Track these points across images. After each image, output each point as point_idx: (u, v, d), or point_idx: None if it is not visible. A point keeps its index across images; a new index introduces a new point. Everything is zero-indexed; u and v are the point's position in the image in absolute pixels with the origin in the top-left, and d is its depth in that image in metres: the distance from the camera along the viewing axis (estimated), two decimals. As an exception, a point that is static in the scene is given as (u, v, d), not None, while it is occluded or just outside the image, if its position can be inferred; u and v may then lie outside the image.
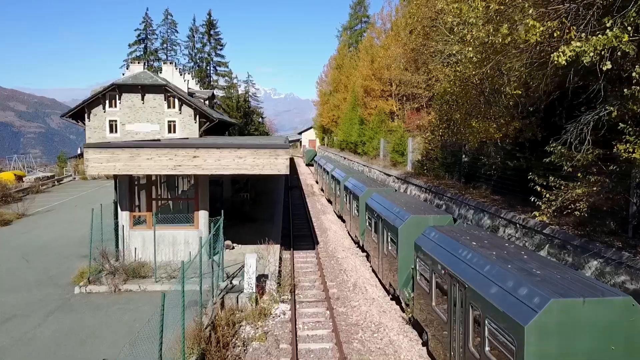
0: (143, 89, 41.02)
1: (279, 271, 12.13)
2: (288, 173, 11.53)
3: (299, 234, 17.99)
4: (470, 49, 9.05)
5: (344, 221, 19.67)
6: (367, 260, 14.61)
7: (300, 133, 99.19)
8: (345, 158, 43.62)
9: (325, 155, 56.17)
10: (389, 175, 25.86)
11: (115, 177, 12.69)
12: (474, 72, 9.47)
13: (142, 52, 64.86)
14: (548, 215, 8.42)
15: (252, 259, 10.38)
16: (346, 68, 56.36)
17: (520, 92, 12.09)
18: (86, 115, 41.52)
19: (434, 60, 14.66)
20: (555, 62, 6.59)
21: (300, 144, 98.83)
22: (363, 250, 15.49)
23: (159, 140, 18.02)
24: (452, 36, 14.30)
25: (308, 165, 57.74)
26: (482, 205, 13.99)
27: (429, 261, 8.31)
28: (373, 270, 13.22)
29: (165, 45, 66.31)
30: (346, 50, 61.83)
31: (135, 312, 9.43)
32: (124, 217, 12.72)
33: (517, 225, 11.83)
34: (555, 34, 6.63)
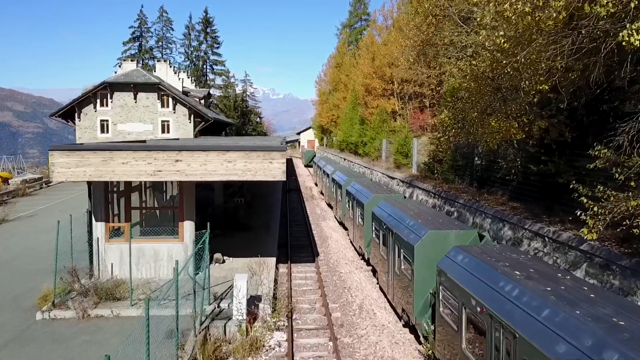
0: (135, 88, 39.48)
1: (274, 292, 10.64)
2: (284, 179, 10.06)
3: (297, 243, 16.49)
4: (501, 33, 7.57)
5: (346, 228, 18.20)
6: (374, 275, 13.02)
7: (298, 133, 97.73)
8: (345, 159, 42.18)
9: (325, 156, 54.71)
10: (393, 178, 24.41)
11: (89, 182, 11.19)
12: (504, 62, 7.95)
13: (136, 50, 63.28)
14: (597, 232, 6.95)
15: (242, 281, 8.90)
16: (346, 66, 54.92)
17: (546, 88, 10.68)
18: (76, 115, 39.95)
19: (446, 53, 13.23)
20: (625, 42, 5.14)
21: (299, 145, 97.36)
22: (368, 264, 13.95)
23: (143, 141, 16.51)
24: (466, 27, 12.88)
25: (307, 166, 56.26)
26: (502, 214, 12.53)
27: (458, 292, 6.85)
28: (381, 289, 11.73)
29: (160, 43, 64.76)
30: (346, 49, 60.37)
31: (103, 347, 7.94)
32: (99, 228, 11.23)
33: (546, 238, 10.37)
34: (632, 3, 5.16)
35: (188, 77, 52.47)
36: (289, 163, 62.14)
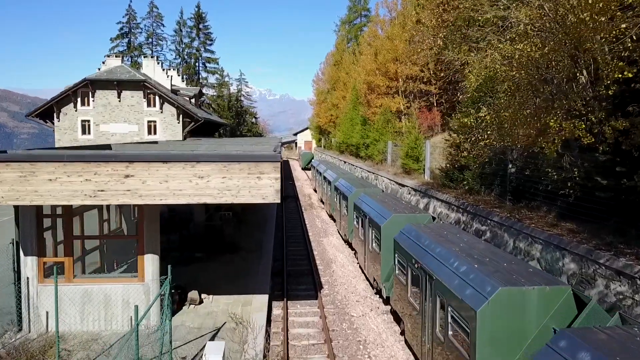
0: (119, 85, 36.53)
1: (265, 353, 7.77)
2: (278, 200, 7.23)
3: (295, 269, 13.59)
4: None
5: (352, 248, 15.36)
6: (397, 322, 9.64)
7: (295, 134, 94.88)
8: (345, 162, 39.40)
9: (324, 159, 51.88)
10: (402, 186, 21.60)
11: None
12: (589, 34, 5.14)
13: (125, 47, 60.20)
14: None
15: (217, 356, 6.03)
16: (345, 64, 52.18)
17: (630, 75, 7.98)
18: (55, 115, 36.92)
19: (482, 34, 10.47)
20: None
21: (296, 146, 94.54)
22: (386, 302, 10.76)
23: (107, 147, 13.58)
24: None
25: (304, 169, 53.40)
26: (558, 240, 9.72)
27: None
28: (408, 346, 8.62)
29: (150, 39, 61.75)
30: (345, 46, 57.65)
31: None
32: (30, 265, 8.34)
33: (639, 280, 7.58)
34: None
35: (179, 75, 49.57)
36: (286, 165, 59.25)
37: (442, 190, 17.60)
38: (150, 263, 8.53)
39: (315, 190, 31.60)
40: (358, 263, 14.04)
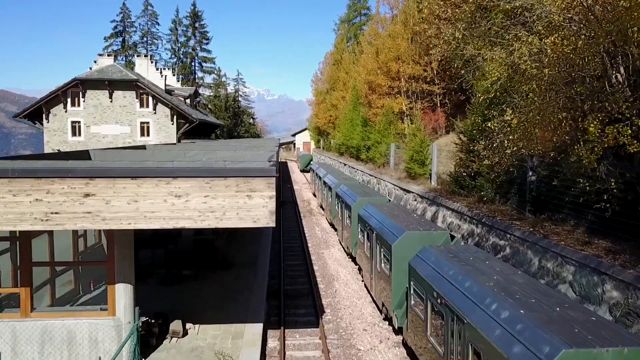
0: (111, 85, 35.17)
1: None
2: (273, 224, 5.93)
3: (293, 288, 12.23)
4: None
5: (356, 263, 14.07)
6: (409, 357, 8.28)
7: (294, 135, 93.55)
8: (345, 165, 38.15)
9: (323, 161, 50.62)
10: (408, 192, 20.33)
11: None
12: None
13: (119, 46, 58.82)
14: None
15: None
16: (345, 64, 50.93)
17: None
18: (44, 116, 35.54)
19: (504, 26, 9.20)
20: None
21: (294, 147, 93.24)
22: (397, 332, 9.31)
23: (85, 154, 12.23)
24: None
25: (303, 171, 52.10)
26: (598, 263, 8.45)
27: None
28: None
29: (145, 38, 60.33)
30: (345, 45, 56.36)
31: None
32: (-22, 297, 7.03)
33: None
34: None
35: (174, 75, 48.23)
36: (284, 167, 57.95)
37: (452, 197, 16.34)
38: (122, 294, 7.22)
39: (315, 195, 30.30)
40: (363, 281, 12.74)
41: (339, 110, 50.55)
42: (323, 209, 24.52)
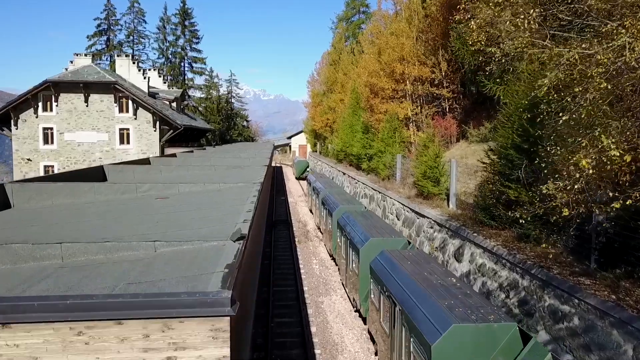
0: (86, 88, 31.95)
1: None
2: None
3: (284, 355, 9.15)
4: None
5: (361, 318, 10.93)
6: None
7: (289, 138, 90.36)
8: (344, 174, 35.09)
9: (320, 167, 47.55)
10: (421, 216, 17.26)
11: None
12: None
13: (103, 46, 55.44)
14: None
15: None
16: (343, 64, 47.92)
17: None
18: (12, 122, 32.23)
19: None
20: None
21: (290, 149, 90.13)
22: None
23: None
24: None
25: (299, 178, 48.98)
26: None
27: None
28: None
29: (131, 37, 56.95)
30: (343, 44, 53.35)
31: None
32: None
33: None
34: None
35: (160, 76, 45.01)
36: (278, 173, 54.79)
37: (480, 230, 13.27)
38: None
39: (311, 212, 27.18)
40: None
41: (336, 114, 47.53)
42: (320, 231, 21.41)
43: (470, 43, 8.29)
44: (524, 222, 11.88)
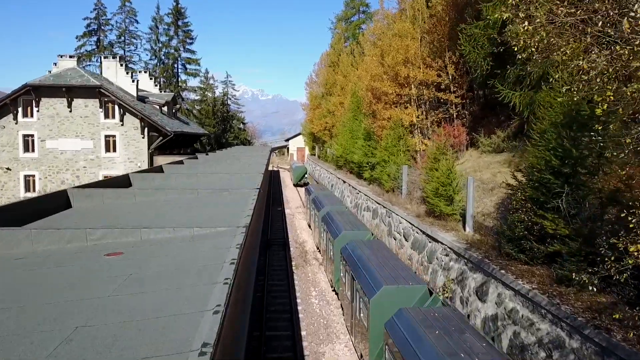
0: (69, 92, 29.92)
1: None
2: None
3: None
4: None
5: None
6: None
7: (287, 140, 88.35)
8: (345, 182, 33.20)
9: (319, 176, 45.61)
10: (434, 240, 15.31)
11: None
12: None
13: (94, 46, 53.29)
14: None
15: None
16: (343, 66, 46.06)
17: None
18: (-10, 128, 30.18)
19: None
20: None
21: (287, 152, 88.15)
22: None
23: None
24: None
25: (297, 185, 47.01)
26: None
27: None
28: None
29: (122, 37, 54.81)
30: (342, 45, 51.44)
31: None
32: None
33: None
34: None
35: (151, 78, 42.96)
36: (275, 179, 52.80)
37: (507, 266, 11.34)
38: None
39: (310, 227, 25.23)
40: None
41: (336, 118, 45.64)
42: (319, 251, 19.46)
43: (518, 48, 6.35)
44: (565, 261, 10.00)
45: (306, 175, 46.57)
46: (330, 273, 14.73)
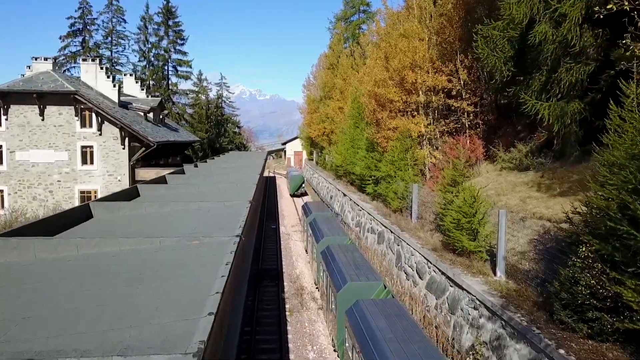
0: (42, 99, 27.10)
1: None
2: None
3: None
4: None
5: None
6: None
7: (284, 143, 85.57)
8: (345, 195, 30.50)
9: (317, 181, 42.85)
10: (456, 285, 12.58)
11: None
12: None
13: (79, 47, 50.38)
14: None
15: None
16: (342, 68, 43.37)
17: None
18: (-46, 139, 27.32)
19: None
20: None
21: (284, 155, 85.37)
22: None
23: None
24: None
25: (294, 195, 44.26)
26: None
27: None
28: None
29: (109, 38, 51.90)
30: (341, 46, 48.74)
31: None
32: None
33: None
34: None
35: (137, 82, 40.12)
36: (270, 185, 50.04)
37: (565, 340, 8.63)
38: None
39: (307, 251, 22.47)
40: None
41: (335, 124, 42.94)
42: (317, 287, 16.74)
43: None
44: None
45: (303, 185, 43.82)
46: (333, 329, 11.97)
